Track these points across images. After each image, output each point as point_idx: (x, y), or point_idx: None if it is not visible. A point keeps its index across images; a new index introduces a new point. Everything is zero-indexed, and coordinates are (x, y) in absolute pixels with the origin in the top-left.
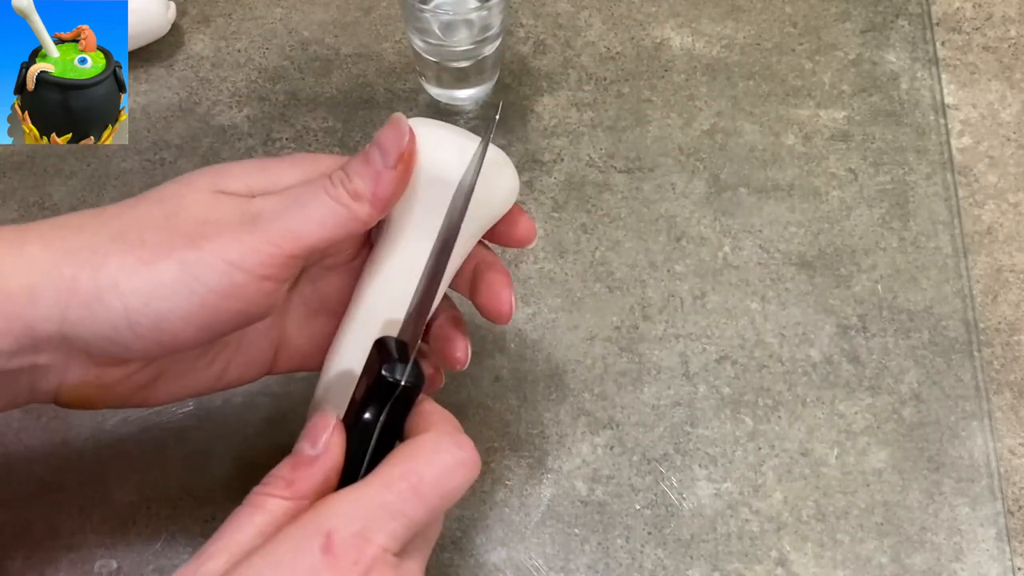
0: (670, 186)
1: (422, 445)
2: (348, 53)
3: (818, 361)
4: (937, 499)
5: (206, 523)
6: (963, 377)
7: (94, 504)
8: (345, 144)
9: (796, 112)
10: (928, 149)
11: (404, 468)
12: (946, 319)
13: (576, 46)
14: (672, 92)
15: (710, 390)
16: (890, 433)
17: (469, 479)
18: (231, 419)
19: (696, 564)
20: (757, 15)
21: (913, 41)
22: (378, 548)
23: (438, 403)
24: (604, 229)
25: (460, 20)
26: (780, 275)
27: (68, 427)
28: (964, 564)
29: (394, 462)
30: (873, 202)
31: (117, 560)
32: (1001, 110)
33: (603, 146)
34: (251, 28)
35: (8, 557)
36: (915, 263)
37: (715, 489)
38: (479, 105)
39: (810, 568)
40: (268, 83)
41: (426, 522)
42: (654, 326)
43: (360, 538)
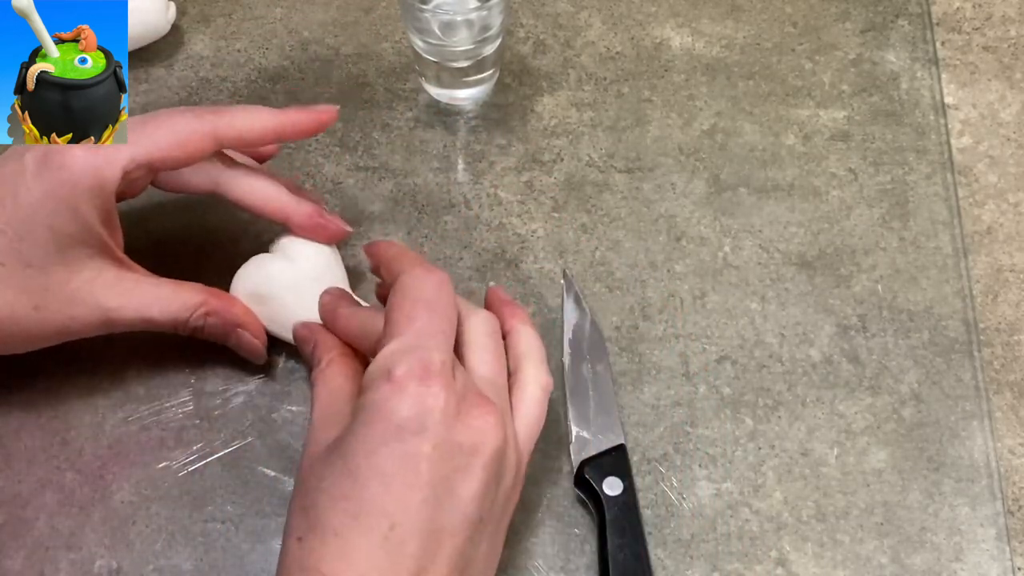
0: (670, 186)
1: (404, 282)
2: (348, 53)
3: (818, 361)
4: (937, 499)
5: (206, 523)
6: (963, 377)
7: (94, 504)
8: (345, 144)
9: (796, 112)
10: (928, 149)
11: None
12: (946, 319)
13: (576, 46)
14: (672, 92)
15: (710, 390)
16: (890, 433)
17: (444, 283)
18: (231, 419)
19: (696, 564)
20: (757, 15)
21: (913, 41)
22: (434, 362)
23: None
24: (604, 229)
25: (460, 20)
26: (780, 275)
27: (68, 427)
28: (964, 564)
29: (392, 305)
30: (873, 202)
31: (117, 560)
32: (1001, 110)
33: (603, 146)
34: (251, 28)
35: (8, 557)
36: (915, 263)
37: (715, 489)
38: (479, 105)
39: (810, 568)
40: (268, 83)
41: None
42: (654, 326)
43: (416, 361)
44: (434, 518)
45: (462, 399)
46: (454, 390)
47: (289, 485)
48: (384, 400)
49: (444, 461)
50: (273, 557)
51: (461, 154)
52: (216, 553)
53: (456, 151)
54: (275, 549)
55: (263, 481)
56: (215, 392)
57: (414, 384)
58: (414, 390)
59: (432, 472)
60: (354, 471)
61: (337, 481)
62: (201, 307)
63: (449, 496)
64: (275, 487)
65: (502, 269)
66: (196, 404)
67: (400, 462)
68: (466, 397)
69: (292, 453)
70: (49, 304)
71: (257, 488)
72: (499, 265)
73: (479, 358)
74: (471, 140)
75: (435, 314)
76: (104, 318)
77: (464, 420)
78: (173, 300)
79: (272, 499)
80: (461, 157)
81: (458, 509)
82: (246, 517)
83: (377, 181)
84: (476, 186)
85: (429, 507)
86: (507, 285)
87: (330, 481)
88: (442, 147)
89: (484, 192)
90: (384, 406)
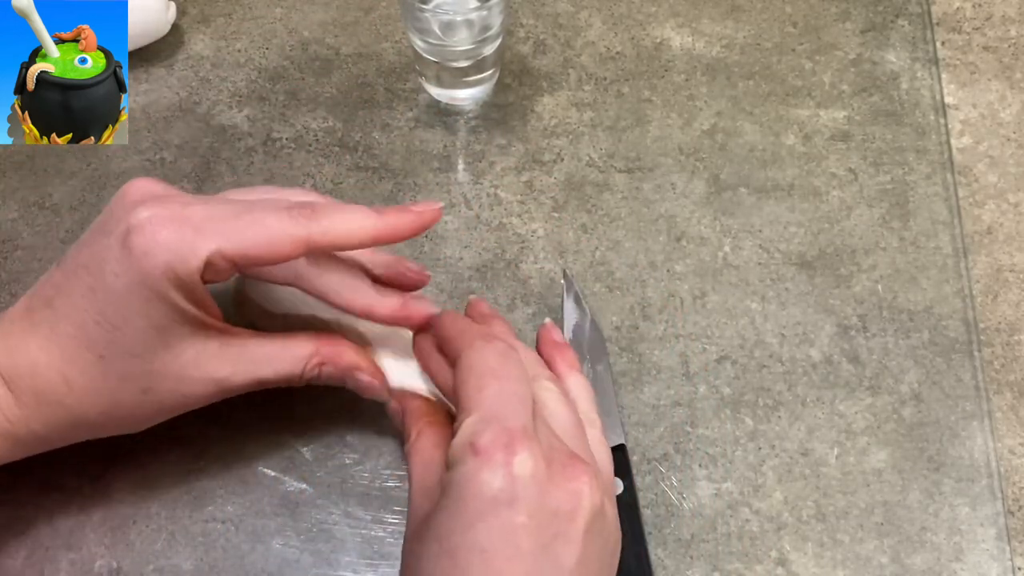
0: (670, 186)
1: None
2: (348, 53)
3: (818, 361)
4: (937, 499)
5: (206, 523)
6: (963, 377)
7: (94, 504)
8: (345, 144)
9: (796, 112)
10: (928, 149)
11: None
12: (946, 319)
13: (576, 46)
14: (672, 92)
15: (710, 390)
16: (890, 433)
17: (507, 351)
18: (231, 419)
19: (696, 564)
20: (757, 15)
21: (913, 41)
22: (516, 428)
23: None
24: (604, 229)
25: (460, 20)
26: (780, 275)
27: None
28: (964, 564)
29: (459, 382)
30: (873, 202)
31: (117, 560)
32: (1001, 110)
33: (603, 146)
34: (251, 28)
35: (8, 557)
36: (915, 263)
37: (715, 489)
38: (479, 105)
39: (810, 568)
40: (268, 83)
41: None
42: (654, 326)
43: (498, 430)
44: None
45: (551, 462)
46: (541, 454)
47: (289, 485)
48: (473, 474)
49: (542, 529)
50: (273, 557)
51: (461, 154)
52: (216, 553)
53: (456, 151)
54: (275, 549)
55: (263, 481)
56: None
57: (500, 453)
58: (501, 459)
59: (531, 542)
60: (451, 551)
61: (436, 563)
62: (313, 358)
63: (552, 565)
64: (275, 487)
65: (502, 269)
66: None
67: (497, 536)
68: (555, 459)
69: (292, 453)
70: (158, 387)
71: (257, 488)
72: (499, 265)
73: (557, 416)
74: (471, 140)
75: (506, 381)
76: (217, 388)
77: (557, 483)
78: (284, 357)
79: (272, 499)
80: (461, 157)
81: None
82: (246, 517)
83: (377, 181)
84: (476, 186)
85: None
86: (507, 285)
87: (429, 563)
88: (442, 147)
89: (484, 192)
90: (473, 480)
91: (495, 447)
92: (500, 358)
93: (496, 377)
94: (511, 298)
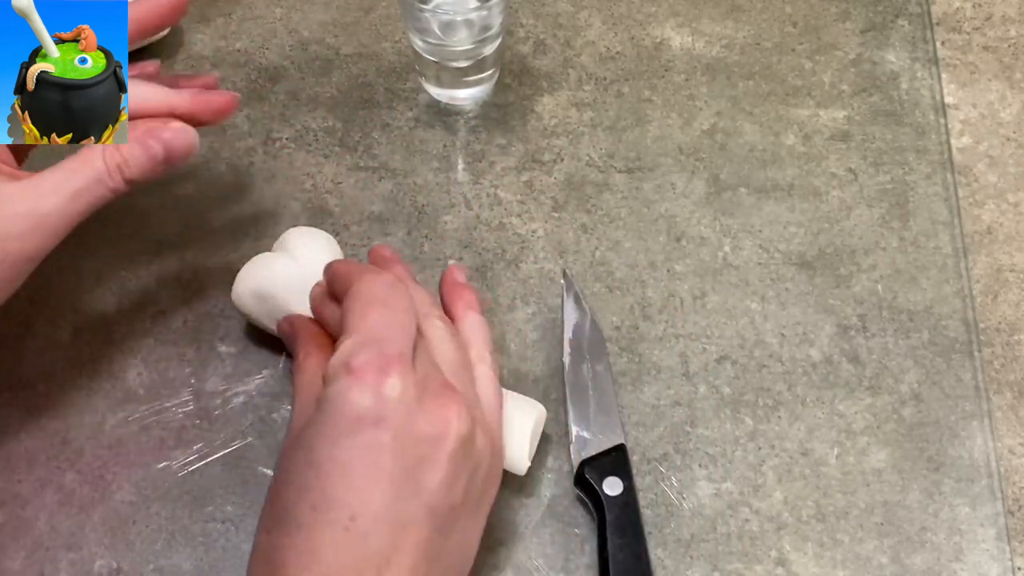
0: (670, 186)
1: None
2: (348, 53)
3: (818, 361)
4: (937, 499)
5: (206, 523)
6: (963, 377)
7: (94, 504)
8: (345, 144)
9: (796, 112)
10: (928, 149)
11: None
12: (946, 319)
13: (576, 46)
14: (672, 92)
15: (710, 390)
16: (890, 433)
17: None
18: (231, 419)
19: (696, 564)
20: (757, 15)
21: (913, 41)
22: (392, 354)
23: None
24: (604, 229)
25: (460, 20)
26: (780, 275)
27: (68, 427)
28: (964, 564)
29: (346, 308)
30: (873, 202)
31: (117, 560)
32: (1001, 110)
33: (603, 146)
34: (251, 28)
35: (8, 557)
36: (915, 263)
37: (715, 489)
38: (479, 105)
39: (810, 568)
40: (268, 83)
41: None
42: (654, 326)
43: (374, 353)
44: (397, 508)
45: (424, 389)
46: (414, 380)
47: None
48: (343, 391)
49: (406, 451)
50: None
51: (461, 154)
52: (216, 553)
53: (456, 151)
54: None
55: (263, 481)
56: (215, 392)
57: (372, 375)
58: (372, 380)
59: (393, 462)
60: (315, 463)
61: (300, 473)
62: (107, 150)
63: (413, 486)
64: None
65: (502, 269)
66: (196, 404)
67: (360, 453)
68: (428, 387)
69: None
70: None
71: (257, 488)
72: (499, 265)
73: (439, 350)
74: (471, 140)
75: (389, 309)
76: (36, 222)
77: (426, 409)
78: (79, 164)
79: None
80: (461, 157)
81: (423, 499)
82: (246, 517)
83: (377, 181)
84: (476, 186)
85: (391, 498)
86: (507, 285)
87: (294, 473)
88: (442, 147)
89: (484, 192)
90: (343, 397)
91: (368, 368)
92: (387, 288)
93: (382, 304)
94: (511, 298)
